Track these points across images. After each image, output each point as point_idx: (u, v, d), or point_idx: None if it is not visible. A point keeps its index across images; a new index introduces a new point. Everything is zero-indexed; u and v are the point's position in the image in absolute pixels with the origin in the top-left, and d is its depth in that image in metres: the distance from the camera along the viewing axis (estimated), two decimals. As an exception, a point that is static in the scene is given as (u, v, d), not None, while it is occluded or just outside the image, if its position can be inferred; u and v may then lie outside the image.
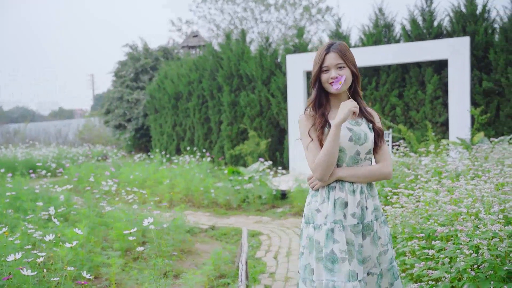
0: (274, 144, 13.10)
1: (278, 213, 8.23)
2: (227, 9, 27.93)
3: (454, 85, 9.99)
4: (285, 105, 12.58)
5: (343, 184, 2.52)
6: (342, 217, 2.47)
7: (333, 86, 2.50)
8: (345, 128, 2.53)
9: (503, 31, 10.36)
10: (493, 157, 5.94)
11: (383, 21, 11.83)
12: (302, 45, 12.75)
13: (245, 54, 13.65)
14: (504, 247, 2.78)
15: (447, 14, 11.12)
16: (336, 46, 2.55)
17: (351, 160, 2.54)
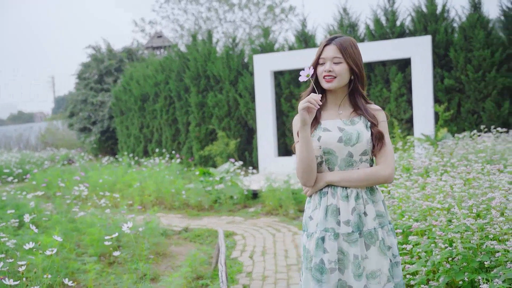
0: (243, 144, 13.16)
1: (251, 213, 8.29)
2: (190, 9, 27.81)
3: (418, 82, 10.29)
4: (253, 105, 12.66)
5: (335, 189, 2.34)
6: (335, 225, 2.30)
7: (300, 78, 2.30)
8: (336, 128, 2.36)
9: (462, 30, 10.71)
10: (458, 153, 6.16)
11: (348, 21, 12.04)
12: (268, 45, 12.85)
13: (212, 55, 13.66)
14: (476, 240, 2.92)
15: (409, 13, 11.42)
16: (339, 39, 2.36)
17: (344, 163, 2.35)
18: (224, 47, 13.85)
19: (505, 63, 10.42)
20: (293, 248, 5.95)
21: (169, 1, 27.79)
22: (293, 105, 12.33)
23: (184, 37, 27.65)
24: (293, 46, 12.62)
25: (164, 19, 28.01)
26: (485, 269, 2.94)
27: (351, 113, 2.41)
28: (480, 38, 10.35)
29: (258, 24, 27.46)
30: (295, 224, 7.25)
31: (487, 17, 10.70)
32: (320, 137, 2.36)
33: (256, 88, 11.85)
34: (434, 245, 3.13)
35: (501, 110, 10.25)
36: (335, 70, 2.33)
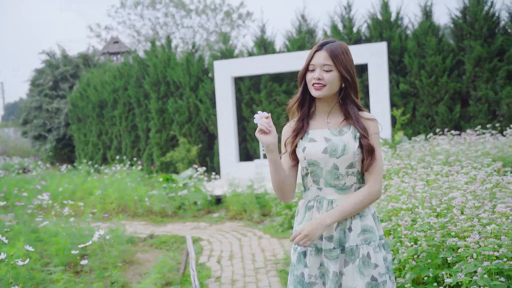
0: (204, 149, 13.18)
1: (215, 218, 8.35)
2: (147, 14, 27.60)
3: (375, 87, 10.62)
4: (214, 110, 12.71)
5: (321, 202, 2.24)
6: (318, 240, 2.22)
7: (255, 120, 2.17)
8: (322, 138, 2.25)
9: (415, 37, 11.13)
10: (415, 155, 6.43)
11: (306, 27, 12.30)
12: (228, 51, 12.94)
13: (172, 61, 13.63)
14: (439, 237, 3.09)
15: (365, 20, 11.78)
16: (330, 45, 2.23)
17: (330, 175, 2.23)
18: (183, 52, 13.87)
19: (455, 69, 10.90)
20: (259, 252, 6.05)
21: (125, 6, 27.51)
22: (253, 111, 12.46)
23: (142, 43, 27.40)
24: (252, 52, 12.77)
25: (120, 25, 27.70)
26: (448, 264, 3.12)
27: (341, 122, 2.27)
28: (432, 45, 10.79)
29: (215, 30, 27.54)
30: (260, 228, 7.35)
31: (438, 24, 11.17)
32: (305, 148, 2.26)
33: (216, 94, 11.91)
34: (400, 244, 3.29)
35: (453, 114, 10.70)
36: (325, 78, 2.20)
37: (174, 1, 27.17)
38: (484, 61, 10.46)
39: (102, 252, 5.44)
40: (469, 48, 10.65)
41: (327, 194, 2.25)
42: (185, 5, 27.12)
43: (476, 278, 2.60)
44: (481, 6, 10.69)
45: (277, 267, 5.33)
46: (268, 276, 5.09)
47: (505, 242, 2.72)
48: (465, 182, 3.69)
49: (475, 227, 2.93)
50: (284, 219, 7.06)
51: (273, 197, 7.72)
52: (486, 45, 10.49)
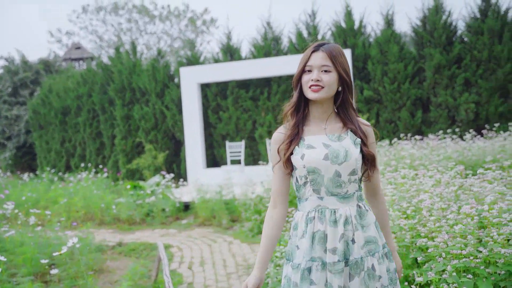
0: (171, 156, 13.12)
1: (184, 225, 8.33)
2: (110, 20, 27.29)
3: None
4: (180, 117, 12.68)
5: (323, 212, 2.09)
6: (322, 253, 2.07)
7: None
8: (321, 144, 2.11)
9: (378, 44, 11.43)
10: (381, 160, 6.61)
11: (272, 34, 12.44)
12: (194, 58, 12.95)
13: (137, 67, 13.54)
14: (409, 239, 3.22)
15: (329, 28, 12.01)
16: (327, 46, 2.13)
17: (332, 183, 2.09)
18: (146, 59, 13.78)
19: (416, 76, 11.24)
20: (230, 257, 6.08)
21: (87, 11, 27.12)
22: (220, 117, 12.50)
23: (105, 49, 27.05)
24: (218, 58, 12.82)
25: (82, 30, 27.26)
26: (417, 264, 3.24)
27: (338, 128, 2.16)
28: (394, 52, 11.10)
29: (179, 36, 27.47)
30: (230, 234, 7.39)
31: (400, 32, 11.51)
32: (304, 155, 2.10)
33: (183, 101, 11.90)
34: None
35: (415, 119, 11.03)
36: (323, 79, 2.07)
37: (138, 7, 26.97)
38: (443, 69, 10.83)
39: (72, 260, 5.37)
40: (429, 56, 11.01)
41: (329, 203, 2.09)
42: (149, 11, 26.96)
43: (445, 276, 2.72)
44: (440, 16, 11.07)
45: (249, 272, 5.38)
46: (240, 281, 5.14)
47: (471, 242, 2.86)
48: (432, 185, 3.84)
49: (443, 228, 3.06)
50: (254, 224, 7.12)
51: (242, 203, 7.77)
52: (445, 53, 10.87)
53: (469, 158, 6.50)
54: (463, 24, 11.24)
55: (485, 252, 2.80)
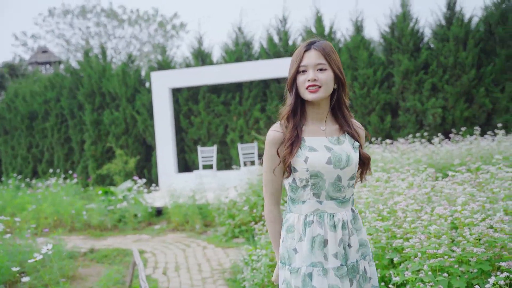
0: (142, 161, 13.00)
1: (157, 230, 8.27)
2: (77, 23, 26.88)
3: (311, 99, 10.95)
4: (151, 122, 12.59)
5: (321, 217, 2.05)
6: (322, 259, 2.03)
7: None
8: (323, 147, 2.05)
9: (348, 50, 11.62)
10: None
11: (243, 40, 12.49)
12: (165, 62, 12.90)
13: (107, 72, 13.38)
14: (385, 240, 3.29)
15: (300, 34, 12.15)
16: (319, 44, 2.06)
17: (332, 187, 2.04)
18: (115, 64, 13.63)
19: (385, 81, 11.47)
20: (205, 262, 6.07)
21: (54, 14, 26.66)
22: (192, 122, 12.47)
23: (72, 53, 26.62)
24: (190, 63, 12.80)
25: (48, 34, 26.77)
26: (393, 265, 3.32)
27: (335, 130, 2.12)
28: (364, 58, 11.31)
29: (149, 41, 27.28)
30: (204, 239, 7.37)
31: (369, 39, 11.73)
32: (307, 158, 2.02)
33: (154, 105, 11.83)
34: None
35: (384, 124, 11.25)
36: (320, 78, 2.01)
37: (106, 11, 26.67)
38: (411, 74, 11.09)
39: (44, 268, 5.27)
40: (397, 62, 11.25)
41: (328, 207, 2.05)
42: (118, 15, 26.69)
43: (421, 275, 2.80)
44: (407, 23, 11.34)
45: (224, 276, 5.38)
46: (216, 285, 5.14)
47: (445, 242, 2.95)
48: (405, 187, 3.94)
49: (417, 229, 3.15)
50: (228, 229, 7.13)
51: (216, 207, 7.77)
52: (413, 59, 11.14)
53: (438, 161, 6.68)
54: (429, 31, 11.54)
55: (459, 252, 2.89)
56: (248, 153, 11.49)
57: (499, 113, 10.79)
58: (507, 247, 2.87)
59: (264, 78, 11.66)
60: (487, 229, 2.97)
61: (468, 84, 10.81)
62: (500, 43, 10.91)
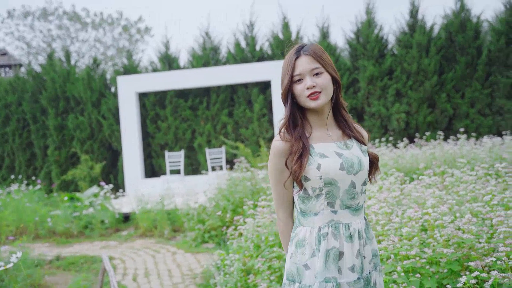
0: (108, 166, 12.80)
1: (124, 236, 8.16)
2: (38, 26, 26.26)
3: (278, 104, 11.05)
4: (117, 127, 12.42)
5: (337, 228, 1.91)
6: (336, 273, 1.90)
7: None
8: (333, 153, 1.94)
9: (315, 55, 11.75)
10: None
11: (210, 44, 12.49)
12: (132, 67, 12.76)
13: (71, 75, 13.13)
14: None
15: (267, 39, 12.24)
16: (308, 48, 1.97)
17: (347, 195, 1.93)
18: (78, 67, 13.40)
19: (351, 86, 11.67)
20: (176, 268, 6.04)
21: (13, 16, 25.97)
22: (159, 126, 12.37)
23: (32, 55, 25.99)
24: (157, 68, 12.70)
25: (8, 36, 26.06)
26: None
27: (341, 135, 2.02)
28: (330, 64, 11.46)
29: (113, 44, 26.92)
30: (173, 244, 7.32)
31: (335, 44, 11.92)
32: (320, 165, 1.91)
33: (120, 110, 11.69)
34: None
35: (350, 128, 11.43)
36: (318, 83, 1.92)
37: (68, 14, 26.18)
38: (376, 80, 11.32)
39: (9, 277, 5.13)
40: (362, 67, 11.48)
41: (343, 217, 1.93)
42: (81, 18, 26.23)
43: (395, 276, 2.88)
44: (372, 29, 11.59)
45: (195, 282, 5.37)
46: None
47: (416, 243, 3.03)
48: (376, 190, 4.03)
49: (389, 231, 3.23)
50: (198, 234, 7.10)
51: (185, 213, 7.73)
52: (378, 65, 11.38)
53: (404, 165, 6.84)
54: (393, 38, 11.82)
55: (430, 253, 2.98)
56: (216, 158, 11.48)
57: (460, 118, 11.13)
58: (475, 248, 2.98)
59: (231, 83, 11.69)
60: (456, 231, 3.07)
61: (430, 90, 11.12)
62: (460, 51, 11.27)
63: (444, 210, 3.21)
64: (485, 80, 11.13)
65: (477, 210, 3.39)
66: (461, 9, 11.42)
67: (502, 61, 11.05)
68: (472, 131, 10.84)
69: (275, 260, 3.87)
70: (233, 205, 6.82)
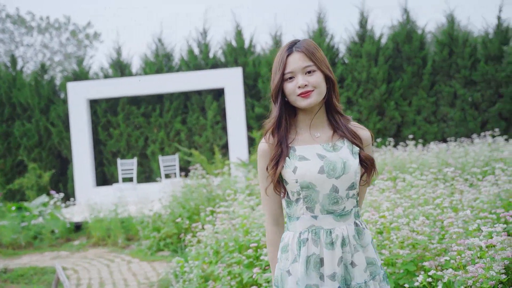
0: (57, 175, 12.44)
1: (76, 246, 7.96)
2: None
3: (231, 111, 11.11)
4: (67, 134, 12.11)
5: (317, 234, 1.85)
6: (318, 280, 1.84)
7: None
8: (315, 155, 1.87)
9: (267, 63, 11.91)
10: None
11: (163, 51, 12.42)
12: (82, 73, 12.49)
13: (18, 81, 12.70)
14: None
15: (221, 47, 12.29)
16: (301, 44, 1.88)
17: (328, 200, 1.85)
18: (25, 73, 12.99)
19: (303, 94, 11.87)
20: (131, 277, 5.95)
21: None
22: (111, 134, 12.15)
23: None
24: (108, 74, 12.49)
25: None
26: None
27: (331, 136, 1.92)
28: (283, 72, 11.63)
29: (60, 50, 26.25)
30: (127, 253, 7.21)
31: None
32: (296, 168, 1.86)
33: (71, 117, 11.42)
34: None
35: (303, 135, 11.62)
36: (311, 82, 1.85)
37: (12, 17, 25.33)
38: (327, 88, 11.56)
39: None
40: (314, 76, 11.69)
41: (324, 223, 1.86)
42: (26, 22, 25.43)
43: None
44: (323, 38, 11.86)
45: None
46: (145, 299, 5.06)
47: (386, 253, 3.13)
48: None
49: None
50: (153, 242, 7.03)
51: (140, 221, 7.63)
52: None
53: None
54: (344, 47, 12.13)
55: (387, 254, 3.11)
56: (170, 165, 11.39)
57: (408, 125, 11.54)
58: (429, 248, 3.12)
59: (185, 90, 11.66)
60: (411, 232, 3.21)
61: (379, 98, 11.48)
62: (406, 60, 11.71)
63: (399, 213, 3.35)
64: (430, 89, 11.60)
65: (428, 213, 3.55)
66: (407, 21, 11.88)
67: (445, 71, 11.56)
68: (419, 138, 11.26)
69: (235, 266, 3.90)
70: (188, 213, 6.80)
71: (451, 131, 11.38)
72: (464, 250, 2.62)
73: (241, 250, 4.03)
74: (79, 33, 26.31)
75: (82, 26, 26.51)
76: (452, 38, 11.57)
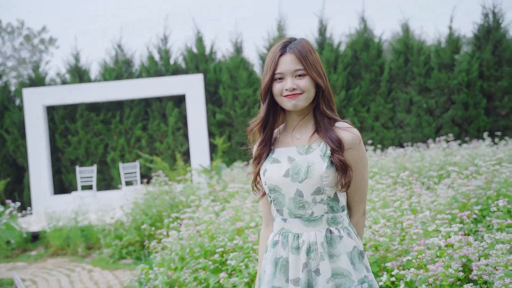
0: (12, 183, 12.07)
1: (34, 256, 7.76)
2: None
3: (193, 117, 11.09)
4: (23, 141, 11.79)
5: (286, 237, 1.86)
6: (284, 283, 1.84)
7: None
8: (286, 158, 1.86)
9: (228, 70, 11.98)
10: (240, 179, 6.96)
11: (123, 57, 12.29)
12: (39, 79, 12.20)
13: (-30, 87, 12.29)
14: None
15: (182, 53, 12.27)
16: (295, 45, 1.85)
17: (293, 204, 1.83)
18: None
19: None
20: (93, 286, 5.86)
21: None
22: (69, 141, 11.91)
23: None
24: (66, 80, 12.25)
25: None
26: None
27: (310, 138, 1.88)
28: (244, 78, 11.74)
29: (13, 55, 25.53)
30: (88, 262, 7.09)
31: (248, 59, 12.22)
32: (266, 171, 1.89)
33: (27, 124, 11.13)
34: (248, 259, 3.63)
35: (264, 141, 11.72)
36: (300, 85, 1.82)
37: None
38: (288, 94, 11.71)
39: None
40: (275, 82, 11.82)
41: (292, 226, 1.85)
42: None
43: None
44: (284, 46, 11.99)
45: (116, 299, 5.25)
46: (108, 308, 5.00)
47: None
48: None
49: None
50: (115, 250, 6.93)
51: (101, 229, 7.51)
52: (289, 80, 11.79)
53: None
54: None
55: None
56: (130, 172, 11.25)
57: (366, 131, 11.82)
58: (390, 249, 3.23)
59: (145, 97, 11.57)
60: (373, 235, 3.32)
61: (339, 104, 11.71)
62: (364, 68, 12.00)
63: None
64: (387, 96, 11.93)
65: (389, 215, 3.67)
66: (364, 29, 12.19)
67: (401, 78, 11.92)
68: (377, 143, 11.54)
69: (201, 271, 3.92)
70: (151, 220, 6.75)
71: (407, 137, 11.72)
72: (424, 250, 2.73)
73: (206, 256, 4.05)
74: (34, 38, 25.67)
75: (36, 30, 25.89)
76: (408, 46, 11.95)
